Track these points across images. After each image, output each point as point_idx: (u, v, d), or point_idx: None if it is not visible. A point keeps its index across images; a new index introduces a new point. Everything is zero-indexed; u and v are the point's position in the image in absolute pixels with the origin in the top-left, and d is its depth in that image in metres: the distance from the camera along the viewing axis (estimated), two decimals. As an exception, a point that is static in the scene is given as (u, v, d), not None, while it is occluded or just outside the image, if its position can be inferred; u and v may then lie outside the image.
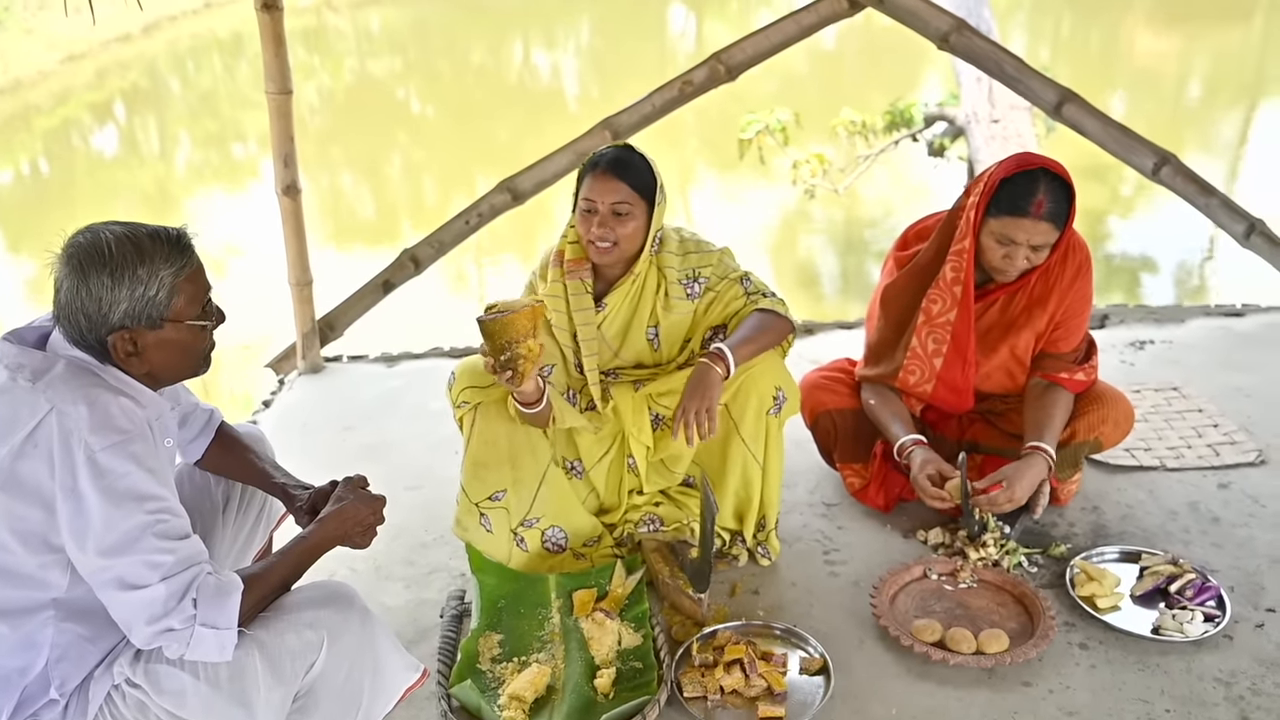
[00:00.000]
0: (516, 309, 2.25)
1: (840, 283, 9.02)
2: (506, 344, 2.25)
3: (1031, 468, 2.58)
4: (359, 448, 3.39)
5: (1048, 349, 2.75)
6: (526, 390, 2.39)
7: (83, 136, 14.98)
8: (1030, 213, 2.51)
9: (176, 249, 1.73)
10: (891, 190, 9.74)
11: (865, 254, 9.58)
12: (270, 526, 2.30)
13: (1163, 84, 13.20)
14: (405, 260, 3.87)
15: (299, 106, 12.47)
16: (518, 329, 2.23)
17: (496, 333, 2.24)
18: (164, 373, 1.79)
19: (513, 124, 13.52)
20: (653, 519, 2.75)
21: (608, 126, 3.68)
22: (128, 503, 1.60)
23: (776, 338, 2.56)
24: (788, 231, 10.02)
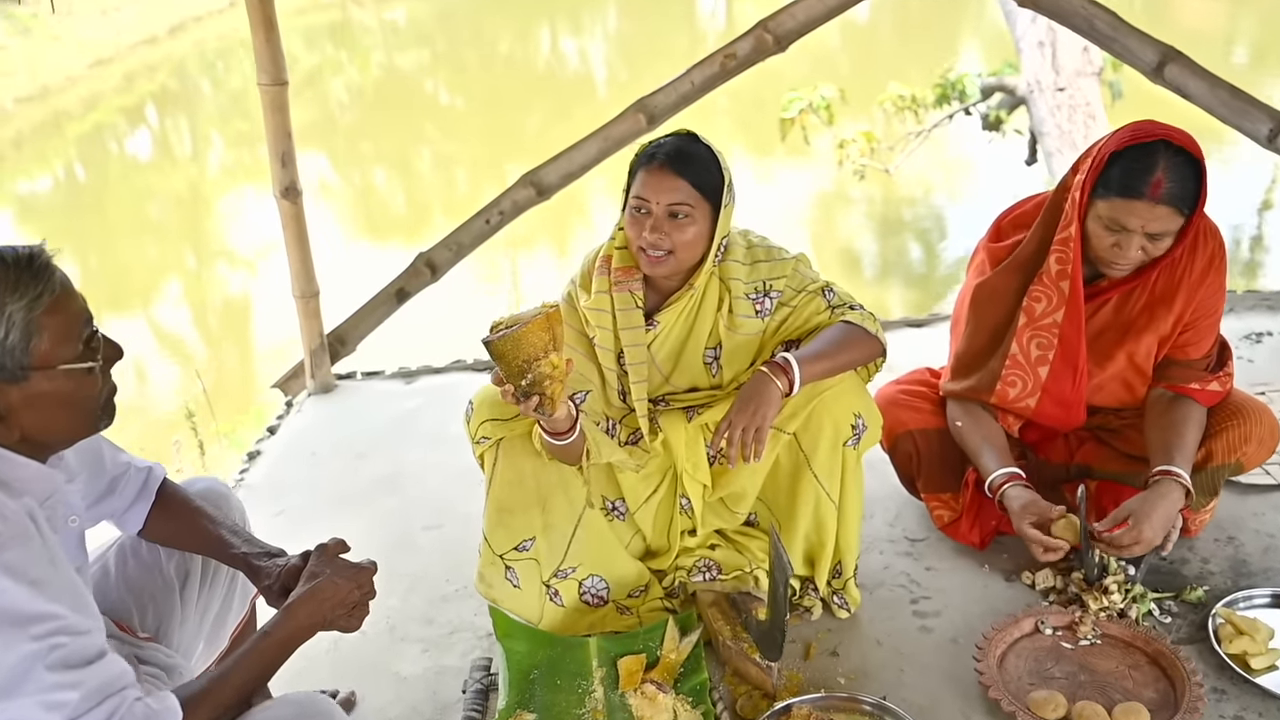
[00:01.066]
0: (526, 321, 1.85)
1: (895, 271, 8.56)
2: (524, 365, 1.85)
3: (1164, 500, 2.14)
4: (372, 480, 3.01)
5: (1174, 355, 2.31)
6: (558, 418, 1.99)
7: (117, 140, 15.10)
8: (1146, 194, 2.07)
9: (28, 274, 1.33)
10: (944, 168, 9.23)
11: (918, 237, 9.11)
12: (250, 594, 1.92)
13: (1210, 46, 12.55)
14: (420, 266, 3.49)
15: (328, 103, 12.31)
16: (532, 345, 1.84)
17: (508, 353, 1.84)
18: (46, 436, 1.40)
19: (543, 112, 13.56)
20: (708, 565, 2.35)
21: (641, 109, 3.27)
22: (6, 630, 1.22)
23: (860, 357, 2.15)
24: (834, 215, 9.57)
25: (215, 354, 7.61)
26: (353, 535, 2.74)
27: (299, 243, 3.30)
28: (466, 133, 13.54)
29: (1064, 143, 6.26)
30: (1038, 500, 2.24)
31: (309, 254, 3.34)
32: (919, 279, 8.38)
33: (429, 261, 3.49)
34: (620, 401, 2.29)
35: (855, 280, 8.47)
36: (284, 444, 3.27)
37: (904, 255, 8.93)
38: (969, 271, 2.52)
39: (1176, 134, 2.11)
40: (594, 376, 2.26)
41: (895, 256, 8.91)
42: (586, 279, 2.25)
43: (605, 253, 2.22)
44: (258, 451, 3.21)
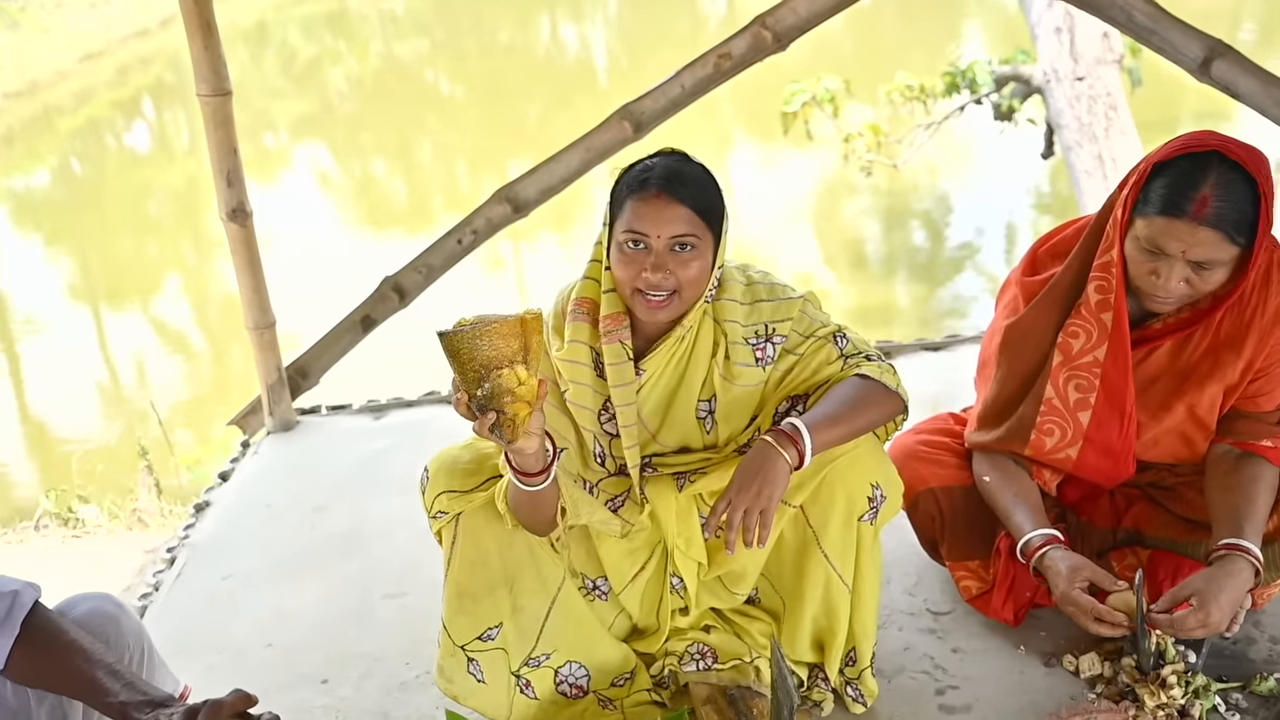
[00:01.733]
0: (494, 320, 1.53)
1: (902, 266, 8.25)
2: (481, 370, 1.52)
3: (1232, 579, 1.83)
4: (330, 538, 2.71)
5: (1242, 407, 1.99)
6: (525, 450, 1.64)
7: (115, 135, 15.00)
8: (1188, 212, 1.76)
9: None
10: (955, 162, 8.90)
11: (927, 232, 8.78)
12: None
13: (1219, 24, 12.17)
14: (387, 290, 3.17)
15: (327, 93, 12.29)
16: (496, 349, 1.51)
17: (463, 351, 1.51)
18: None
19: (544, 101, 13.45)
20: (703, 650, 2.04)
21: (626, 116, 2.95)
22: None
23: (879, 418, 1.84)
24: (840, 206, 9.26)
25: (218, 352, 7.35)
26: (306, 606, 2.47)
27: (250, 269, 2.99)
28: (467, 122, 13.37)
29: (1083, 135, 5.91)
30: (1088, 564, 1.93)
31: (262, 281, 3.03)
32: (927, 274, 8.08)
33: (396, 286, 3.17)
34: (599, 466, 1.98)
35: (861, 275, 8.17)
36: (236, 493, 2.96)
37: (912, 250, 8.62)
38: (998, 307, 2.20)
39: (1235, 147, 1.79)
40: (570, 434, 1.95)
41: (903, 251, 8.60)
42: (559, 324, 1.93)
43: (580, 294, 1.90)
44: (206, 503, 2.91)
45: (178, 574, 2.60)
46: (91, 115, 15.12)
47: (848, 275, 8.24)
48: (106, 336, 8.26)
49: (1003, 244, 8.38)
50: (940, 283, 7.96)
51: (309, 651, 2.28)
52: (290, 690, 2.17)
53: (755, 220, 9.06)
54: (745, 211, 9.34)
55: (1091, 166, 5.87)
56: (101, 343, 8.17)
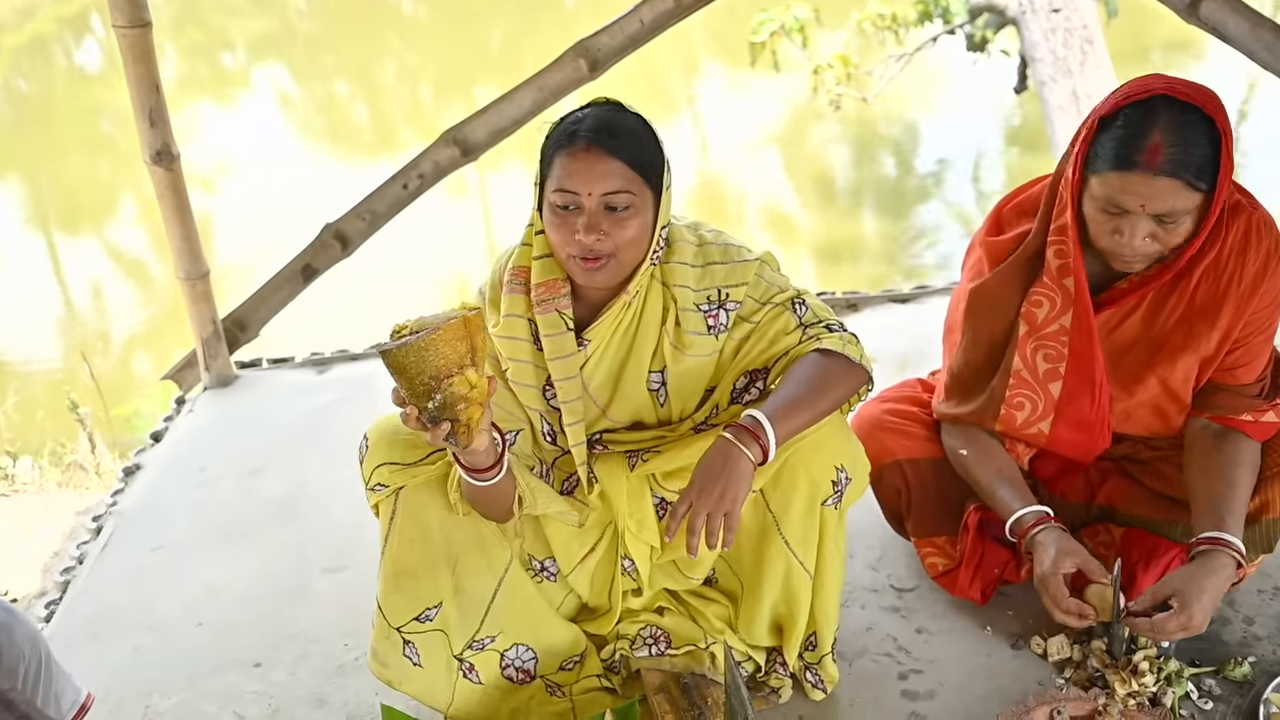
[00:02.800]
0: (436, 326, 1.41)
1: (869, 199, 8.09)
2: (432, 382, 1.42)
3: (1214, 576, 1.74)
4: (267, 504, 2.56)
5: (1220, 379, 1.89)
6: (477, 449, 1.54)
7: (65, 52, 14.51)
8: (1140, 163, 1.63)
9: None
10: (926, 93, 8.70)
11: (897, 166, 8.62)
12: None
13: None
14: (329, 238, 2.99)
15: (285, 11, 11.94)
16: (443, 356, 1.41)
17: (410, 366, 1.41)
18: None
19: (508, 23, 13.13)
20: (656, 634, 1.94)
21: (582, 53, 2.76)
22: None
23: (843, 396, 1.72)
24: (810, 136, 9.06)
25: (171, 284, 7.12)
26: (239, 579, 2.33)
27: (179, 216, 2.79)
28: (430, 44, 13.03)
29: (1058, 69, 5.74)
30: (1080, 550, 1.84)
31: (193, 229, 2.84)
32: (894, 207, 7.94)
33: (338, 234, 2.99)
34: (549, 444, 1.85)
35: (829, 208, 8.02)
36: (169, 456, 2.80)
37: (880, 183, 8.46)
38: (964, 270, 2.08)
39: (1182, 87, 1.66)
40: (518, 413, 1.81)
41: (871, 184, 8.45)
42: (496, 296, 1.79)
43: (516, 262, 1.76)
44: (136, 466, 2.76)
45: (104, 545, 2.46)
46: (37, 31, 14.60)
47: (816, 207, 8.09)
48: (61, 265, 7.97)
49: (970, 178, 8.25)
50: (907, 216, 7.84)
51: (241, 631, 2.16)
52: (220, 674, 2.06)
53: (722, 151, 8.85)
54: (712, 142, 9.13)
55: (1066, 102, 5.71)
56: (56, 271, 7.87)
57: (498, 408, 1.73)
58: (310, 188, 7.54)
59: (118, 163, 9.83)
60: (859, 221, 7.90)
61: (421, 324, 1.44)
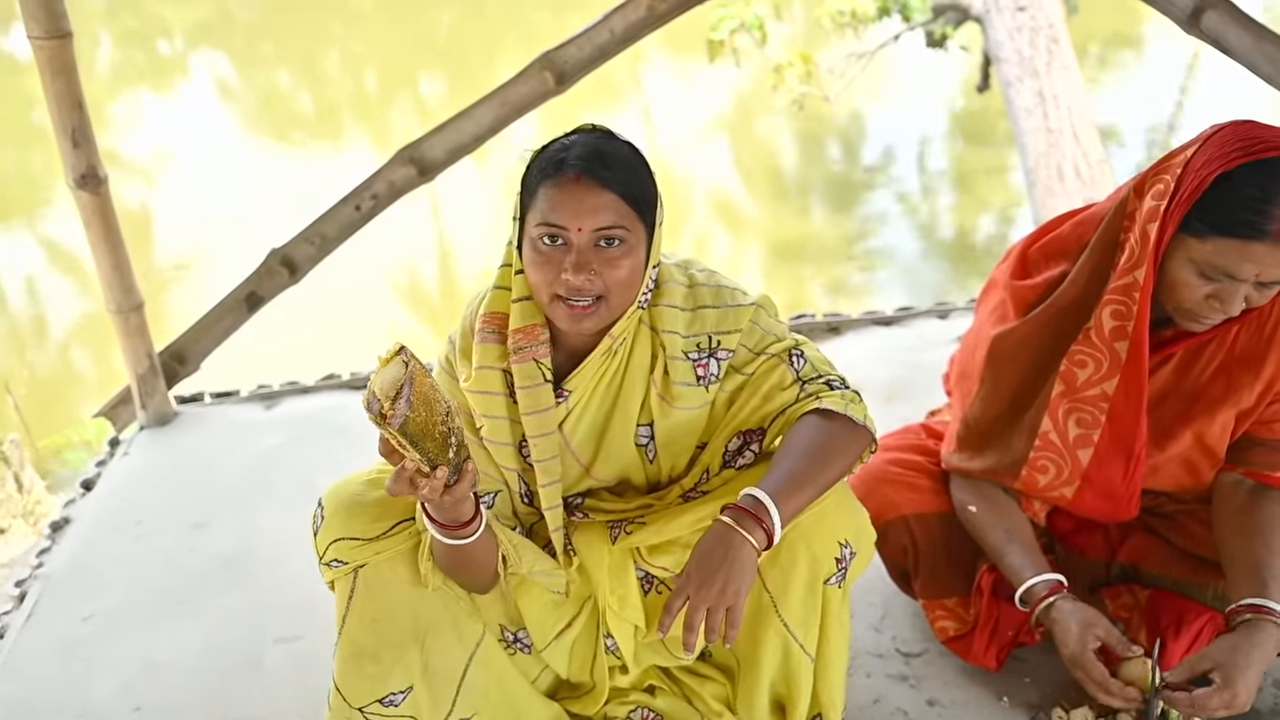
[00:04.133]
0: (407, 375, 1.26)
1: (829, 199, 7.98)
2: (444, 429, 1.30)
3: (1258, 649, 1.60)
4: (211, 564, 2.34)
5: (1258, 433, 1.75)
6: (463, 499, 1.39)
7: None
8: (1270, 233, 1.48)
9: None
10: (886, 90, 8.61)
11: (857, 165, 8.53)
12: None
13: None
14: (275, 265, 2.76)
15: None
16: (435, 396, 1.29)
17: (422, 423, 1.27)
18: None
19: (456, 9, 12.78)
20: (647, 716, 1.78)
21: (547, 65, 2.56)
22: None
23: (849, 463, 1.55)
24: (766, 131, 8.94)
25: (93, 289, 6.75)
26: (181, 654, 2.09)
27: (109, 244, 2.55)
28: (375, 32, 12.76)
29: (1024, 70, 5.63)
30: (1102, 620, 1.69)
31: (124, 257, 2.59)
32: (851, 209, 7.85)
33: (285, 259, 2.76)
34: (527, 505, 1.67)
35: (783, 208, 7.89)
36: (102, 507, 2.56)
37: (836, 181, 8.36)
38: (980, 311, 1.92)
39: None
40: (496, 473, 1.62)
41: (827, 182, 8.35)
42: (467, 345, 1.59)
43: (490, 308, 1.56)
44: (65, 520, 2.51)
45: (28, 615, 2.22)
46: (-39, 20, 14.11)
47: (770, 205, 7.98)
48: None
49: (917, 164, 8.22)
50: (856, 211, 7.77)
51: (185, 715, 1.95)
52: (162, 769, 1.84)
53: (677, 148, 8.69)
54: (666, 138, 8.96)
55: (1032, 104, 5.61)
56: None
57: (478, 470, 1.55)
58: (253, 180, 7.27)
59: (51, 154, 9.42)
60: (810, 219, 7.80)
61: (384, 384, 1.26)
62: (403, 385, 1.25)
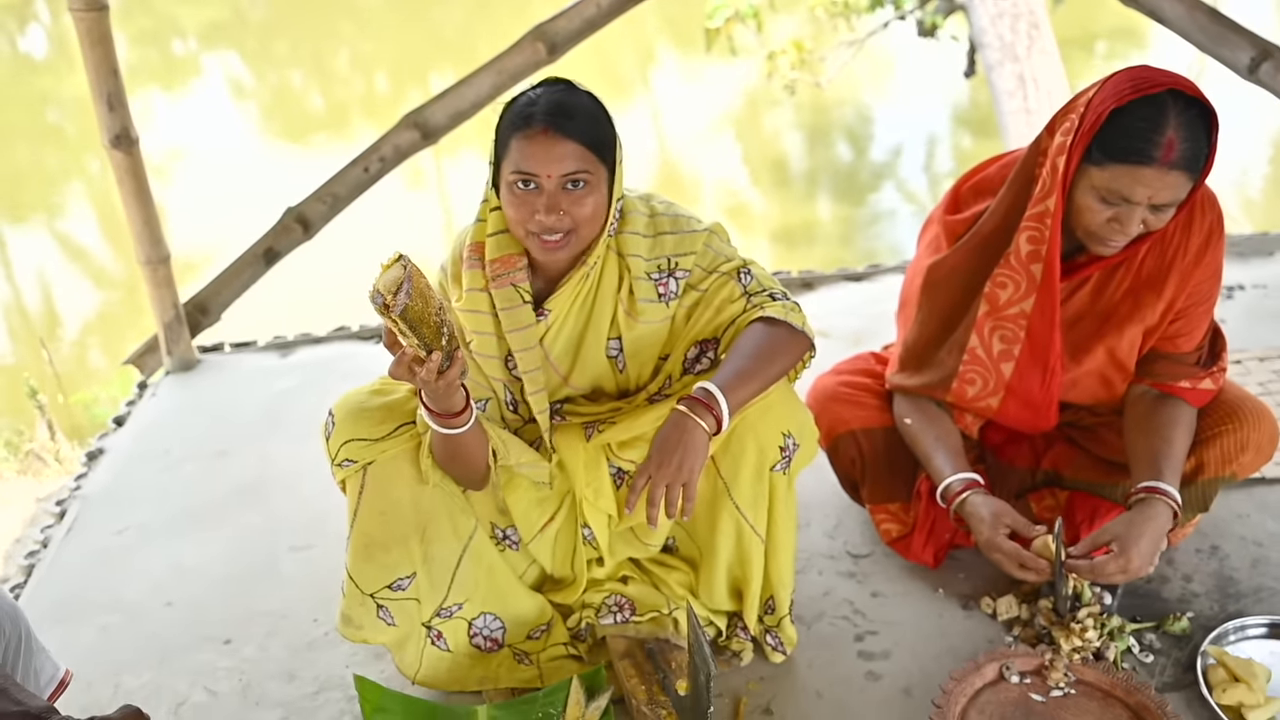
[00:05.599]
0: (405, 274, 1.47)
1: (825, 183, 8.19)
2: (437, 319, 1.50)
3: (1151, 522, 1.82)
4: (233, 487, 2.58)
5: (1161, 348, 1.97)
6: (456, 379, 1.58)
7: (8, 39, 14.39)
8: (1157, 158, 1.69)
9: None
10: (878, 78, 8.81)
11: (851, 150, 8.72)
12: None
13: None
14: (290, 221, 3.00)
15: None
16: (430, 291, 1.50)
17: (419, 311, 1.47)
18: None
19: (463, 8, 12.97)
20: (620, 602, 2.00)
21: (540, 37, 2.80)
22: None
23: (789, 364, 1.76)
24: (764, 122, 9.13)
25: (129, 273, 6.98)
26: (206, 560, 2.36)
27: (139, 201, 2.79)
28: (385, 31, 13.02)
29: (1006, 55, 5.85)
30: (1009, 510, 1.91)
31: (153, 213, 2.84)
32: (848, 191, 8.05)
33: (300, 217, 3.00)
34: (512, 413, 1.90)
35: (784, 192, 8.10)
36: (133, 440, 2.81)
37: (835, 167, 8.56)
38: (920, 245, 2.14)
39: (1184, 83, 1.72)
40: (485, 382, 1.85)
41: (826, 168, 8.55)
42: (458, 271, 1.82)
43: (474, 239, 1.79)
44: (100, 451, 2.76)
45: (68, 528, 2.46)
46: (-20, 18, 14.38)
47: (771, 192, 8.17)
48: (9, 254, 7.83)
49: (923, 162, 8.37)
50: (861, 200, 7.94)
51: (211, 610, 2.18)
52: (191, 652, 2.08)
53: (678, 136, 8.89)
54: (669, 127, 9.17)
55: (1013, 86, 5.82)
56: (4, 260, 7.74)
57: (470, 379, 1.79)
58: (264, 176, 7.48)
59: (65, 152, 9.67)
60: (814, 205, 7.99)
61: (381, 282, 1.48)
62: (402, 282, 1.47)
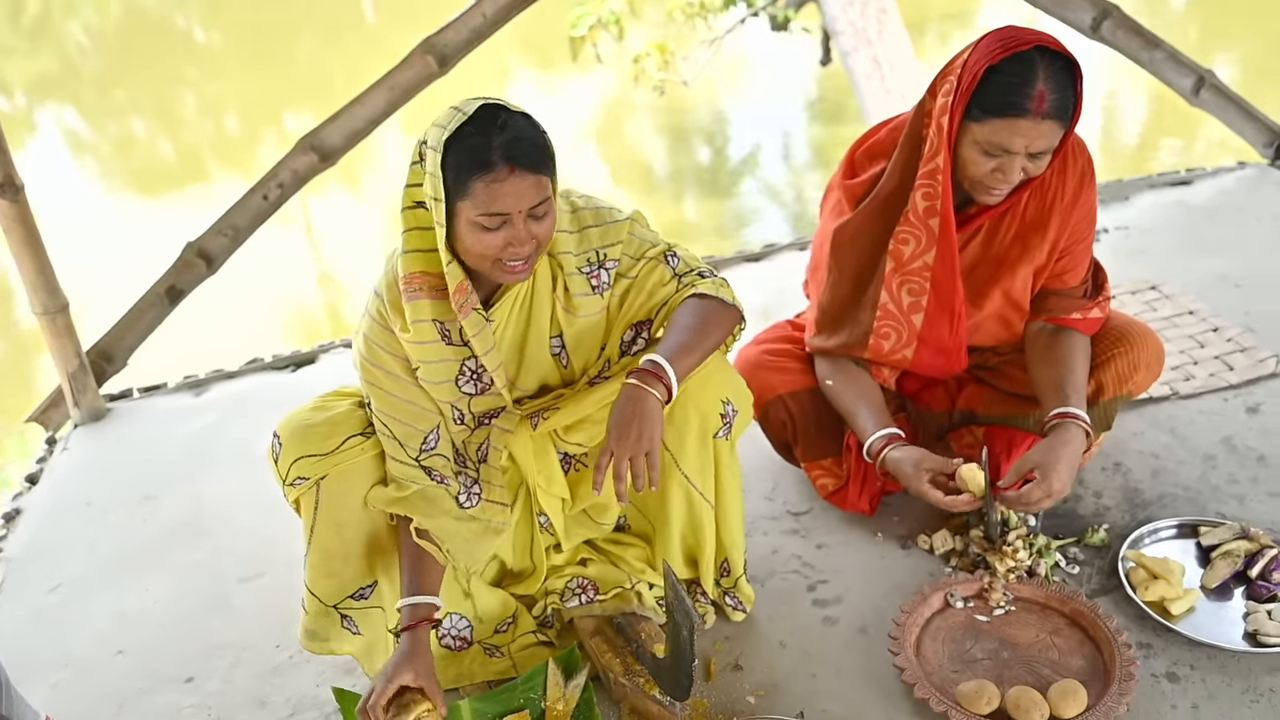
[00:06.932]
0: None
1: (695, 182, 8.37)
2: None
3: (1067, 446, 1.97)
4: (167, 528, 2.54)
5: (1051, 285, 2.14)
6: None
7: None
8: (1030, 110, 1.84)
9: None
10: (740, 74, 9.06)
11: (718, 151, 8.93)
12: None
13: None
14: (191, 257, 2.96)
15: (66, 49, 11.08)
16: None
17: None
18: None
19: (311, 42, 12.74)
20: (583, 584, 2.06)
21: (429, 50, 2.83)
22: None
23: (724, 335, 1.85)
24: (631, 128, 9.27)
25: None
26: (151, 604, 2.32)
27: (30, 249, 2.71)
28: (231, 71, 12.73)
29: (859, 40, 6.12)
30: (928, 455, 2.04)
31: (47, 261, 2.76)
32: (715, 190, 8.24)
33: (201, 251, 2.96)
34: (459, 425, 1.91)
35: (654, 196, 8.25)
36: (50, 495, 2.72)
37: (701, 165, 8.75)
38: (823, 213, 2.26)
39: (1049, 40, 1.88)
40: (433, 406, 1.84)
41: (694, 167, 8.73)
42: (395, 298, 1.76)
43: (409, 269, 1.72)
44: (16, 510, 2.67)
45: (-3, 593, 2.39)
46: None
47: (642, 196, 8.31)
48: None
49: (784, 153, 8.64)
50: (729, 194, 8.14)
51: (166, 652, 2.15)
52: (152, 695, 2.05)
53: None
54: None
55: (869, 69, 6.09)
56: None
57: (417, 409, 1.81)
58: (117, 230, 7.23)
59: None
60: (683, 205, 8.15)
61: None
62: None
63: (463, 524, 1.84)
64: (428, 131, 1.66)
